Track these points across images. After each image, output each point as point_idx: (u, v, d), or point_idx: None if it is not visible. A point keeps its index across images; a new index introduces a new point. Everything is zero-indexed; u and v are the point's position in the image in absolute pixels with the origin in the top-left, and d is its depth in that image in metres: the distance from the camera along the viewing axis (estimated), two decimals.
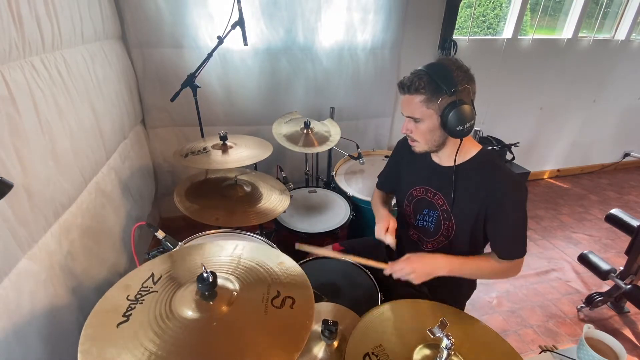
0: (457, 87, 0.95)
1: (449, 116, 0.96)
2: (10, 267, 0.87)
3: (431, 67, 0.99)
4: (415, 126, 1.05)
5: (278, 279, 0.80)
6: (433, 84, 0.96)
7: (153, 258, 0.90)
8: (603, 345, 0.95)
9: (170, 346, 0.64)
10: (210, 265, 0.82)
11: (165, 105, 2.12)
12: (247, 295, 0.76)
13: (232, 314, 0.71)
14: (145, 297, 0.74)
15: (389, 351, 0.78)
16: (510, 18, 2.80)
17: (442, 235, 1.16)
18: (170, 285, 0.78)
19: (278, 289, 0.77)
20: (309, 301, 0.75)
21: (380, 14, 2.27)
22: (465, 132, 0.98)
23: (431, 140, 1.06)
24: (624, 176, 3.80)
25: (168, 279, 0.80)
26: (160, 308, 0.72)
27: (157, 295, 0.75)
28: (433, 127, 1.02)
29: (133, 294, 0.74)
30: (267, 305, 0.73)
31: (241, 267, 0.84)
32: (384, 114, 2.68)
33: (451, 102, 0.96)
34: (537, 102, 3.17)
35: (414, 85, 0.98)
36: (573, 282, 2.24)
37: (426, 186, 1.18)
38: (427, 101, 0.99)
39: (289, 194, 1.62)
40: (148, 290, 0.76)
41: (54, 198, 1.07)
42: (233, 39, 1.74)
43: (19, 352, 0.86)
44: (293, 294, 0.76)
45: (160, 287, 0.77)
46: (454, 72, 0.97)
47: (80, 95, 1.31)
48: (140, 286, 0.77)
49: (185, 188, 1.57)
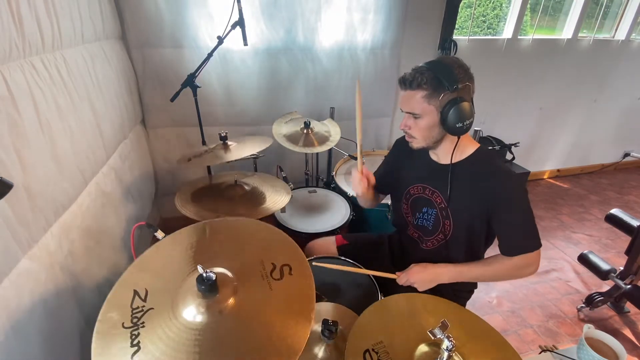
0: (458, 85, 0.96)
1: (449, 113, 0.97)
2: (10, 267, 0.87)
3: (433, 64, 0.99)
4: (414, 122, 1.05)
5: (265, 250, 0.79)
6: (435, 80, 0.97)
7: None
8: (603, 345, 0.95)
9: (197, 355, 0.62)
10: (191, 260, 0.78)
11: (165, 105, 2.11)
12: (246, 279, 0.73)
13: (240, 302, 0.69)
14: (143, 318, 0.68)
15: (389, 348, 0.78)
16: (510, 18, 2.80)
17: (440, 233, 1.16)
18: (163, 296, 0.72)
19: (272, 262, 0.75)
20: (302, 261, 0.74)
21: (380, 14, 2.27)
22: (464, 129, 0.99)
23: (429, 136, 1.06)
24: (624, 176, 3.80)
25: (157, 290, 0.73)
26: (168, 324, 0.67)
27: (155, 312, 0.69)
28: (432, 123, 1.02)
29: (127, 320, 0.67)
30: (270, 281, 0.71)
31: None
32: (384, 114, 2.68)
33: (452, 99, 0.97)
34: (537, 102, 3.17)
35: (416, 80, 0.98)
36: (573, 282, 2.24)
37: (424, 184, 1.18)
38: (428, 97, 0.99)
39: (289, 194, 1.62)
40: (142, 310, 0.69)
41: (54, 198, 1.07)
42: (233, 39, 1.74)
43: (19, 352, 0.86)
44: (286, 260, 0.74)
45: (154, 302, 0.71)
46: (456, 69, 0.97)
47: (80, 95, 1.31)
48: (131, 309, 0.69)
49: (186, 190, 1.57)
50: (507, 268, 1.07)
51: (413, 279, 1.11)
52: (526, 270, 1.06)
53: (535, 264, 1.05)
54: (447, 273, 1.10)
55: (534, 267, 1.05)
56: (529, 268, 1.06)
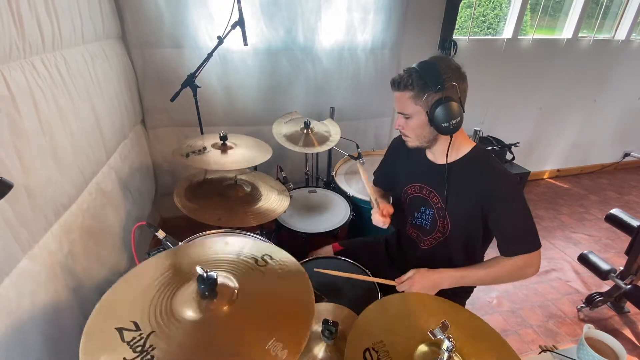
0: (443, 84, 0.96)
1: (435, 112, 0.98)
2: (10, 267, 0.87)
3: (421, 65, 1.01)
4: (406, 122, 1.07)
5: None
6: (421, 81, 0.98)
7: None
8: (603, 345, 0.95)
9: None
10: (173, 278, 0.77)
11: (165, 105, 2.12)
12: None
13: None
14: (149, 343, 0.63)
15: (389, 347, 0.78)
16: (510, 18, 2.80)
17: (438, 232, 1.17)
18: (159, 316, 0.69)
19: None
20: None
21: (380, 14, 2.27)
22: (451, 128, 0.99)
23: (421, 135, 1.08)
24: (624, 176, 3.80)
25: (149, 316, 0.69)
26: (178, 331, 0.65)
27: (160, 331, 0.66)
28: (422, 123, 1.04)
29: (129, 354, 0.61)
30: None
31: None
32: (384, 114, 2.68)
33: (437, 99, 0.98)
34: (537, 102, 3.17)
35: (403, 81, 1.01)
36: (573, 282, 2.24)
37: (421, 184, 1.18)
38: (415, 97, 1.01)
39: (289, 194, 1.62)
40: (141, 338, 0.64)
41: (55, 198, 1.07)
42: (233, 39, 1.74)
43: (19, 352, 0.86)
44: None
45: (151, 327, 0.67)
46: (442, 69, 0.98)
47: (81, 95, 1.31)
48: (127, 345, 0.62)
49: (185, 188, 1.57)
50: (508, 270, 1.06)
51: (414, 287, 1.11)
52: (527, 272, 1.05)
53: (535, 264, 1.04)
54: (447, 279, 1.10)
55: (535, 268, 1.04)
56: (529, 269, 1.05)
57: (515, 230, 1.04)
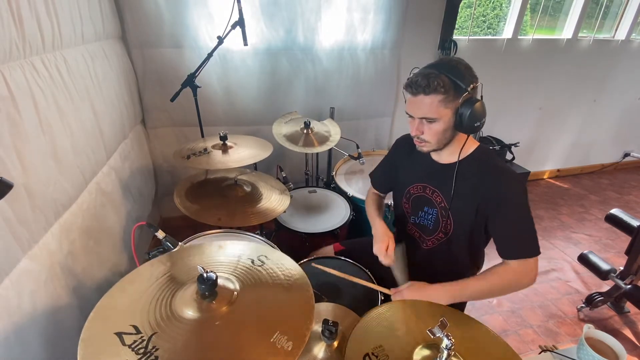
0: (471, 85, 0.96)
1: (468, 114, 0.97)
2: (10, 267, 0.87)
3: (441, 67, 0.97)
4: (428, 127, 1.03)
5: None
6: (451, 83, 0.96)
7: (153, 258, 0.90)
8: (603, 345, 0.95)
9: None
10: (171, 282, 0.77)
11: (165, 105, 2.12)
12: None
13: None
14: (151, 344, 0.64)
15: (389, 351, 0.78)
16: (510, 18, 2.80)
17: (440, 232, 1.16)
18: (159, 317, 0.69)
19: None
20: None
21: (380, 14, 2.27)
22: (480, 127, 1.00)
23: (442, 139, 1.05)
24: (624, 176, 3.80)
25: (150, 317, 0.69)
26: (180, 332, 0.66)
27: (162, 332, 0.66)
28: (447, 126, 1.02)
29: (131, 357, 0.61)
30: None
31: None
32: (384, 114, 2.68)
33: (468, 99, 0.97)
34: (537, 102, 3.17)
35: (431, 85, 0.95)
36: (573, 282, 2.24)
37: (424, 184, 1.18)
38: (445, 100, 0.98)
39: (289, 194, 1.62)
40: (142, 340, 0.64)
41: (55, 198, 1.07)
42: (233, 39, 1.74)
43: (19, 351, 0.86)
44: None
45: (153, 328, 0.67)
46: (463, 70, 0.98)
47: (81, 95, 1.31)
48: (128, 348, 0.63)
49: (185, 188, 1.57)
50: (505, 278, 1.05)
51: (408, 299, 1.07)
52: (524, 280, 1.04)
53: (533, 272, 1.03)
54: (443, 295, 1.05)
55: (531, 277, 1.03)
56: (526, 276, 1.03)
57: (516, 231, 1.04)
